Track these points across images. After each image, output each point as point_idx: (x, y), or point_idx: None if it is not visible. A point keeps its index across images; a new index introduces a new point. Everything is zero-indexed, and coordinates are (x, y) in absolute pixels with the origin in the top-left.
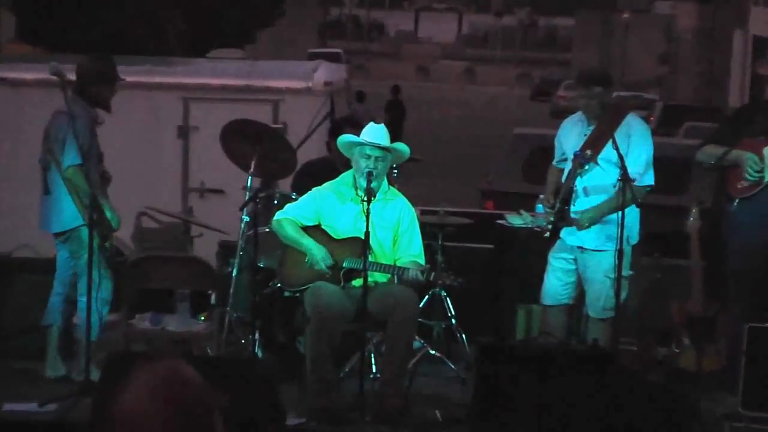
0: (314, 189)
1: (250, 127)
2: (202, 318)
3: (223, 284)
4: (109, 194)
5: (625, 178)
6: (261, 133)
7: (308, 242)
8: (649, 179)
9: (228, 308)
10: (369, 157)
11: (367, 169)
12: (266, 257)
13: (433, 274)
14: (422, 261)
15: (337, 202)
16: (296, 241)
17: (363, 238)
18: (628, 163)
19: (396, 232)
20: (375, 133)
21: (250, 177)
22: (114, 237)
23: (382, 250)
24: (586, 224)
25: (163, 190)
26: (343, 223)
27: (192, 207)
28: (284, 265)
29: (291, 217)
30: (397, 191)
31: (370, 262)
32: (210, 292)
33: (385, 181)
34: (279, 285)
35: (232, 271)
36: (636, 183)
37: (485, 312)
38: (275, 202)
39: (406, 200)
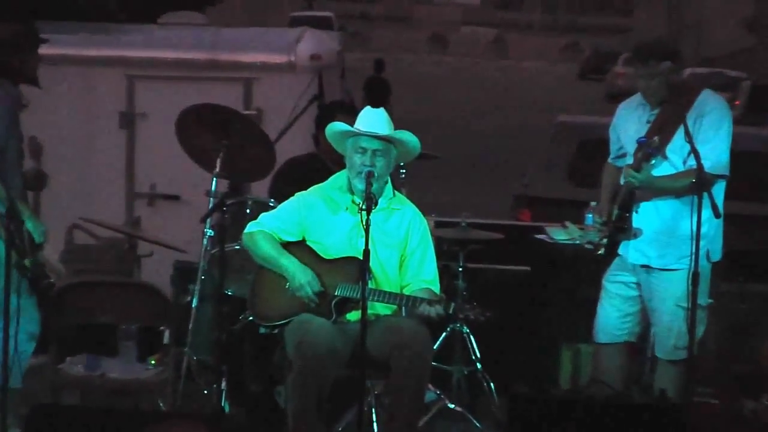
0: (298, 194)
1: (214, 114)
2: (153, 362)
3: (179, 318)
4: (40, 200)
5: (699, 172)
6: (229, 121)
7: (289, 262)
8: (723, 167)
9: (186, 349)
10: (365, 151)
11: (363, 168)
12: (236, 283)
13: (452, 305)
14: (437, 288)
15: (327, 212)
16: (273, 260)
17: (361, 258)
18: (697, 146)
19: (403, 250)
20: (372, 119)
21: (215, 179)
22: (40, 254)
23: (385, 275)
24: (636, 183)
25: (101, 196)
26: (335, 238)
27: (139, 217)
28: (258, 292)
29: (267, 230)
30: (404, 198)
31: (370, 289)
32: (163, 328)
33: (390, 185)
34: (252, 319)
35: (191, 301)
36: (706, 170)
37: (519, 353)
38: (248, 211)
39: (416, 209)
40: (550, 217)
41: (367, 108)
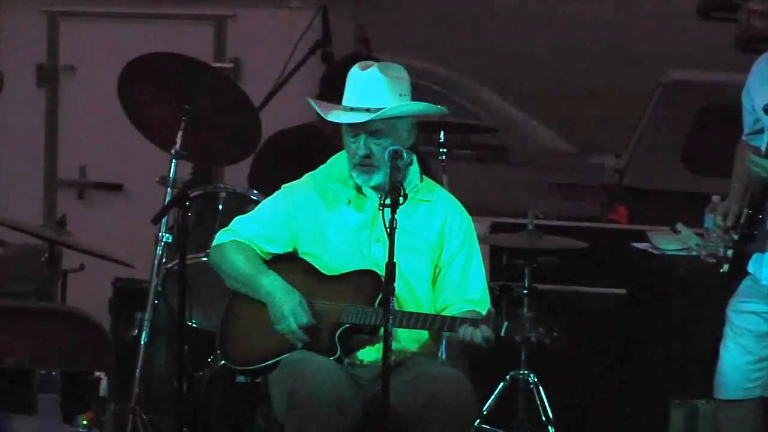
0: (286, 186)
1: (172, 67)
2: (85, 422)
3: (122, 360)
4: None
5: None
6: (193, 78)
7: (269, 283)
8: None
9: (132, 405)
10: (356, 134)
11: (356, 159)
12: (203, 310)
13: (505, 324)
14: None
15: (324, 210)
16: (249, 281)
17: (375, 270)
18: None
19: (437, 259)
20: (361, 87)
21: (173, 161)
22: None
23: (411, 293)
24: (764, 174)
25: (10, 184)
26: (338, 245)
27: (65, 215)
28: (231, 326)
29: (243, 239)
30: (436, 184)
31: (398, 312)
32: (98, 374)
33: (416, 167)
34: (223, 363)
35: (138, 337)
36: None
37: (609, 413)
38: (221, 207)
39: (453, 200)
40: (655, 217)
41: (354, 70)
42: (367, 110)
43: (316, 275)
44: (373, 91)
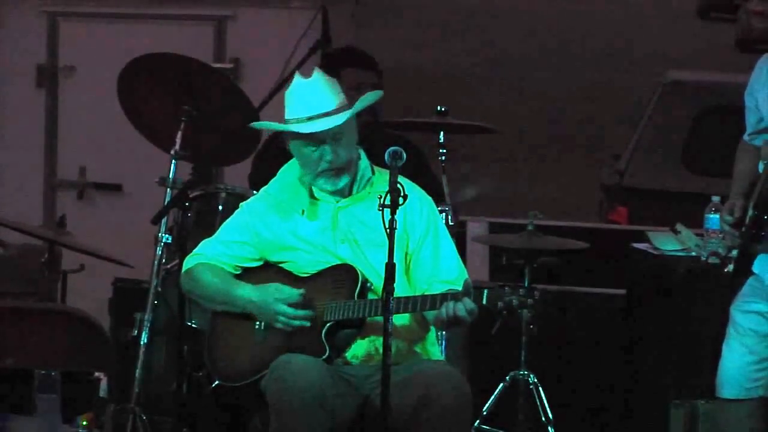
0: (243, 204)
1: (172, 67)
2: (84, 423)
3: (122, 361)
4: None
5: None
6: (193, 79)
7: (244, 291)
8: None
9: (132, 405)
10: (320, 141)
11: (323, 166)
12: (203, 311)
13: (485, 292)
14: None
15: (279, 222)
16: (224, 296)
17: (349, 264)
18: None
19: (405, 247)
20: (308, 97)
21: (173, 161)
22: None
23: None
24: None
25: (9, 184)
26: (304, 253)
27: (65, 215)
28: (218, 345)
29: (209, 260)
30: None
31: (370, 300)
32: (98, 374)
33: (365, 160)
34: (217, 383)
35: (139, 337)
36: None
37: (609, 413)
38: (220, 207)
39: (412, 186)
40: (655, 217)
41: (297, 80)
42: (326, 114)
43: (291, 278)
44: (322, 95)
